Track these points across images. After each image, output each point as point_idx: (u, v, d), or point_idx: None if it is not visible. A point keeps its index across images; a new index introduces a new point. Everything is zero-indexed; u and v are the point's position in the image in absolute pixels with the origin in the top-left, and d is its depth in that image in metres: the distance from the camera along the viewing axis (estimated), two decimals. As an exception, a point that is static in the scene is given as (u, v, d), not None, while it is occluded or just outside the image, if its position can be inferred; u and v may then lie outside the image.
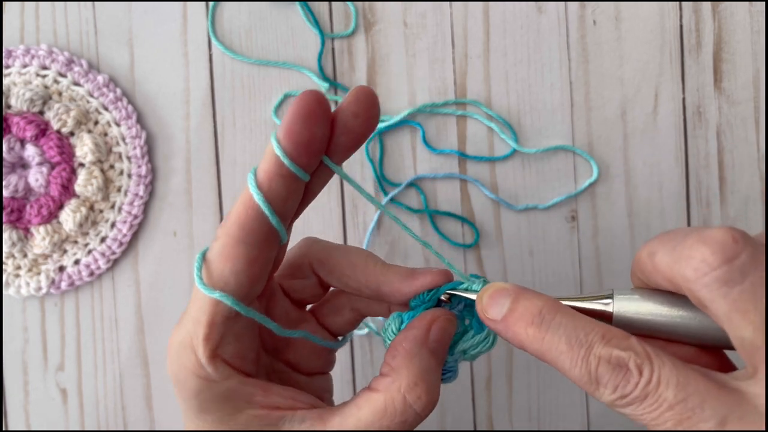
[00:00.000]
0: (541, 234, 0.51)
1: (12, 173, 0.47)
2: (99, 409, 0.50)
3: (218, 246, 0.29)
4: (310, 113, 0.27)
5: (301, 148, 0.27)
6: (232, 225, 0.28)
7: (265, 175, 0.28)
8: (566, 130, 0.51)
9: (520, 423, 0.51)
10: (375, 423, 0.28)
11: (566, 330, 0.27)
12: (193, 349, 0.29)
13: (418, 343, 0.30)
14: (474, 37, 0.50)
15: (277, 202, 0.28)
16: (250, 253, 0.28)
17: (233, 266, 0.28)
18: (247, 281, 0.29)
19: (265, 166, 0.28)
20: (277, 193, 0.28)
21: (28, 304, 0.49)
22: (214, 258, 0.29)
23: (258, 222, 0.28)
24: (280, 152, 0.27)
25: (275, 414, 0.30)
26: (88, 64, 0.49)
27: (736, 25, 0.51)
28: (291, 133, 0.27)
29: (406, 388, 0.29)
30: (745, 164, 0.51)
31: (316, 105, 0.27)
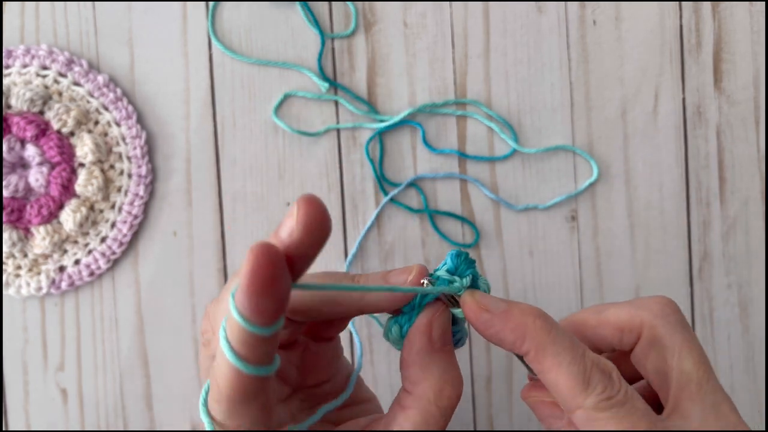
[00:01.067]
0: (541, 234, 0.51)
1: (12, 173, 0.47)
2: (99, 409, 0.50)
3: (224, 411, 0.28)
4: (267, 278, 0.24)
5: (266, 316, 0.25)
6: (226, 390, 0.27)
7: (239, 345, 0.26)
8: (566, 130, 0.51)
9: (520, 423, 0.51)
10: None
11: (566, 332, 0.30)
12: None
13: (427, 352, 0.30)
14: (474, 37, 0.50)
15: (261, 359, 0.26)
16: (258, 400, 0.28)
17: (251, 420, 0.28)
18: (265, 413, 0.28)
19: (235, 334, 0.26)
20: (258, 354, 0.26)
21: (29, 304, 0.49)
22: (224, 419, 0.28)
23: (251, 378, 0.26)
24: (245, 324, 0.25)
25: None
26: (88, 64, 0.49)
27: (736, 25, 0.51)
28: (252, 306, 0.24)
29: (435, 398, 0.29)
30: (745, 164, 0.51)
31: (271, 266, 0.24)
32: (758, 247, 0.51)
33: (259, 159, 0.50)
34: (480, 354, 0.51)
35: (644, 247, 0.51)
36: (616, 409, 0.28)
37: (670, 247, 0.51)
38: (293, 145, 0.50)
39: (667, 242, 0.51)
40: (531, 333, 0.29)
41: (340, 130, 0.50)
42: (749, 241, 0.51)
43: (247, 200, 0.50)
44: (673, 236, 0.51)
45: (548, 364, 0.29)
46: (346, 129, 0.50)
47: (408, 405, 0.30)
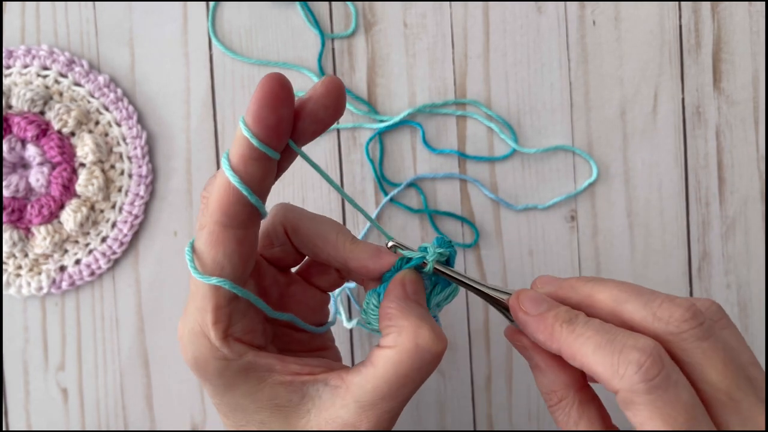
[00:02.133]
0: (540, 234, 0.51)
1: (13, 173, 0.47)
2: (99, 409, 0.50)
3: (206, 234, 0.30)
4: (276, 97, 0.28)
5: (269, 130, 0.29)
6: (215, 211, 0.29)
7: (239, 159, 0.29)
8: (566, 130, 0.51)
9: (520, 423, 0.51)
10: (393, 375, 0.30)
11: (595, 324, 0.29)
12: (205, 336, 0.31)
13: (404, 299, 0.31)
14: (474, 37, 0.50)
15: (253, 182, 0.29)
16: (238, 234, 0.30)
17: (225, 250, 0.30)
18: (240, 262, 0.30)
19: (238, 150, 0.29)
20: (252, 174, 0.29)
21: (29, 304, 0.49)
22: (204, 247, 0.30)
23: (240, 204, 0.29)
24: (249, 135, 0.28)
25: (297, 380, 0.31)
26: (88, 65, 0.49)
27: (735, 26, 0.51)
28: (259, 117, 0.28)
29: (414, 335, 0.30)
30: (744, 164, 0.51)
31: (279, 88, 0.28)
32: (757, 247, 0.51)
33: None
34: (480, 354, 0.51)
35: (643, 247, 0.51)
36: (655, 395, 0.27)
37: (669, 247, 0.51)
38: (293, 145, 0.50)
39: (666, 242, 0.51)
40: (557, 337, 0.29)
41: (340, 130, 0.50)
42: (748, 241, 0.51)
43: (248, 200, 0.50)
44: (672, 236, 0.51)
45: (578, 360, 0.29)
46: (346, 129, 0.50)
47: (385, 344, 0.30)
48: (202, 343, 0.31)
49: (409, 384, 0.30)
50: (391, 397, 0.30)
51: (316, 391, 0.31)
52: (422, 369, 0.30)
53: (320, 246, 0.33)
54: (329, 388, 0.31)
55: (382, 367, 0.30)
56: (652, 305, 0.29)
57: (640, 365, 0.27)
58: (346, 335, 0.50)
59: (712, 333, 0.29)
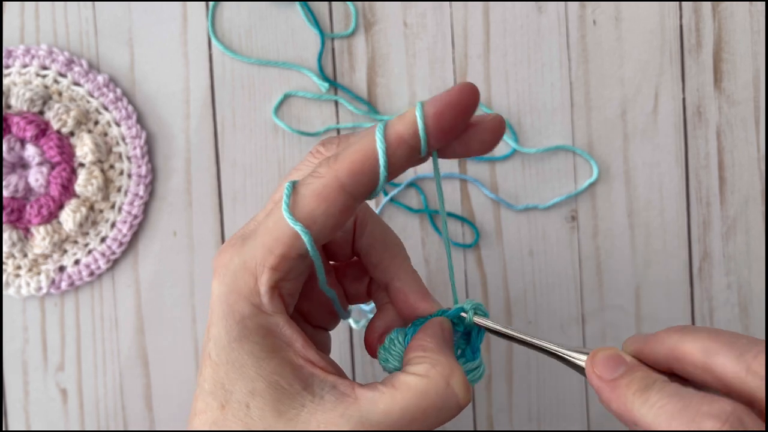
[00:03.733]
0: (541, 234, 0.51)
1: (12, 173, 0.47)
2: (99, 409, 0.50)
3: (319, 184, 0.28)
4: (466, 107, 0.28)
5: (440, 133, 0.28)
6: (343, 170, 0.28)
7: (396, 137, 0.28)
8: (566, 130, 0.51)
9: (520, 423, 0.51)
10: (412, 406, 0.27)
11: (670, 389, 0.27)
12: (254, 275, 0.28)
13: (442, 338, 0.30)
14: (474, 37, 0.50)
15: (393, 167, 0.28)
16: (348, 202, 0.28)
17: (327, 209, 0.28)
18: (330, 228, 0.28)
19: (401, 129, 0.28)
20: (398, 160, 0.28)
21: (28, 304, 0.49)
22: (309, 194, 0.28)
23: (369, 177, 0.28)
24: (421, 124, 0.27)
25: (307, 368, 0.29)
26: (88, 64, 0.49)
27: (736, 25, 0.51)
28: (441, 115, 0.27)
29: (449, 373, 0.28)
30: (745, 164, 0.51)
31: (472, 102, 0.28)
32: (758, 247, 0.51)
33: (259, 159, 0.50)
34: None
35: (644, 247, 0.51)
36: None
37: (670, 247, 0.51)
38: (293, 145, 0.50)
39: (667, 242, 0.51)
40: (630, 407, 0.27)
41: (340, 130, 0.50)
42: (749, 241, 0.51)
43: (247, 200, 0.50)
44: (673, 236, 0.51)
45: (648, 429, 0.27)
46: (346, 129, 0.50)
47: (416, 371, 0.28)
48: (245, 280, 0.29)
49: (422, 422, 0.28)
50: (399, 427, 0.27)
51: (320, 389, 0.28)
52: (442, 413, 0.28)
53: (378, 250, 0.32)
54: (336, 392, 0.28)
55: (404, 392, 0.28)
56: (746, 357, 0.26)
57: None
58: (346, 335, 0.50)
59: None
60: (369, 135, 0.28)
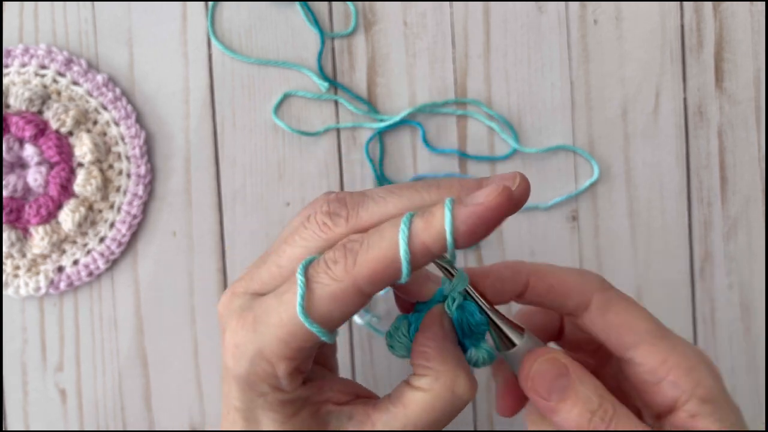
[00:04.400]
0: (541, 234, 0.51)
1: (11, 173, 0.47)
2: (98, 410, 0.50)
3: (336, 288, 0.27)
4: (502, 218, 0.27)
5: (468, 244, 0.27)
6: (363, 277, 0.27)
7: (422, 247, 0.27)
8: (567, 130, 0.50)
9: (520, 423, 0.51)
10: (423, 419, 0.29)
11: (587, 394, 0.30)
12: (270, 363, 0.29)
13: (442, 340, 0.30)
14: (474, 36, 0.50)
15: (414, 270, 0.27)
16: (365, 301, 0.28)
17: (344, 311, 0.28)
18: (344, 321, 0.29)
19: (427, 240, 0.27)
20: (419, 265, 0.27)
21: (27, 305, 0.49)
22: (326, 296, 0.28)
23: (390, 281, 0.28)
24: (450, 242, 0.26)
25: (325, 409, 0.31)
26: (87, 64, 0.49)
27: (737, 25, 0.51)
28: (472, 232, 0.26)
29: (452, 383, 0.29)
30: (746, 164, 0.51)
31: (511, 213, 0.27)
32: (759, 247, 0.51)
33: (259, 159, 0.50)
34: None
35: (645, 248, 0.51)
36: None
37: (671, 247, 0.51)
38: (293, 145, 0.50)
39: (668, 242, 0.51)
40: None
41: (340, 129, 0.50)
42: (751, 241, 0.51)
43: (247, 200, 0.50)
44: (674, 236, 0.51)
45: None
46: (346, 129, 0.50)
47: (420, 386, 0.30)
48: (263, 367, 0.29)
49: (436, 427, 0.30)
50: None
51: (338, 423, 0.30)
52: (452, 414, 0.30)
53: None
54: (353, 423, 0.30)
55: (413, 410, 0.29)
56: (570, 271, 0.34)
57: None
58: (346, 335, 0.50)
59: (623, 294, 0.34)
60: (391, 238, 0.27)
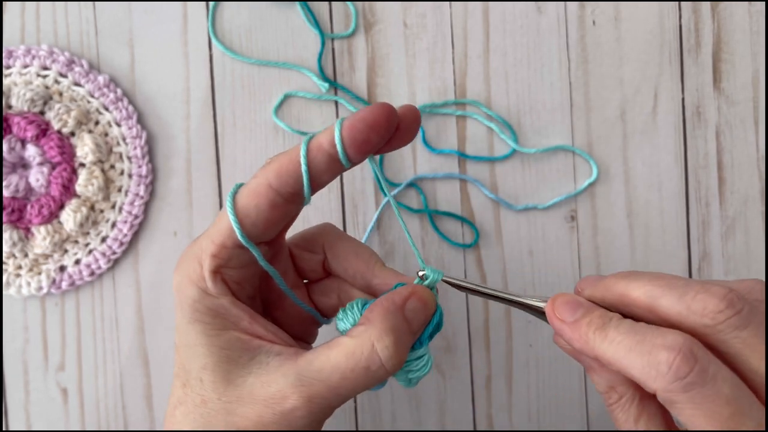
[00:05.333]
0: (540, 234, 0.51)
1: (13, 173, 0.47)
2: (99, 409, 0.50)
3: (253, 183, 0.32)
4: (380, 126, 0.31)
5: (356, 145, 0.31)
6: (271, 171, 0.32)
7: (317, 147, 0.31)
8: (566, 130, 0.51)
9: (520, 423, 0.51)
10: (342, 364, 0.31)
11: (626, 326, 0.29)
12: (199, 261, 0.33)
13: (396, 306, 0.32)
14: (474, 37, 0.50)
15: (315, 172, 0.32)
16: (275, 198, 0.32)
17: (258, 204, 0.32)
18: (263, 222, 0.32)
19: (322, 140, 0.31)
20: (319, 165, 0.32)
21: (29, 304, 0.49)
22: (245, 192, 0.32)
23: (293, 178, 0.32)
24: (338, 140, 0.31)
25: (255, 342, 0.33)
26: (88, 65, 0.49)
27: (735, 26, 0.51)
28: (355, 130, 0.31)
29: (376, 337, 0.31)
30: (744, 164, 0.51)
31: (386, 123, 0.31)
32: (757, 246, 0.51)
33: (260, 159, 0.50)
34: (480, 354, 0.51)
35: (643, 247, 0.51)
36: (693, 392, 0.26)
37: (669, 246, 0.51)
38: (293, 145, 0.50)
39: (666, 242, 0.51)
40: (592, 344, 0.30)
41: (340, 130, 0.50)
42: (748, 241, 0.51)
43: (248, 200, 0.50)
44: (672, 236, 0.51)
45: (615, 365, 0.29)
46: (346, 129, 0.50)
47: (350, 334, 0.31)
48: (193, 267, 0.33)
49: (352, 381, 0.31)
50: (330, 386, 0.31)
51: (265, 357, 0.32)
52: (368, 372, 0.31)
53: (351, 262, 0.36)
54: (280, 358, 0.32)
55: (334, 354, 0.31)
56: (685, 298, 0.28)
57: (670, 364, 0.26)
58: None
59: (751, 320, 0.27)
60: (296, 147, 0.32)
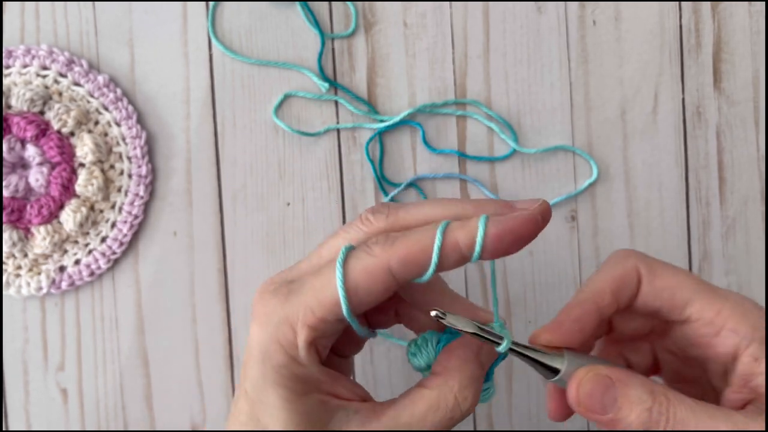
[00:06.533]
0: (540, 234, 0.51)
1: (12, 173, 0.47)
2: (99, 409, 0.50)
3: (370, 262, 0.30)
4: (528, 237, 0.30)
5: (496, 253, 0.30)
6: (395, 254, 0.30)
7: (454, 243, 0.30)
8: (566, 130, 0.51)
9: (520, 423, 0.51)
10: (427, 417, 0.30)
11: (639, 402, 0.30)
12: (292, 327, 0.31)
13: (472, 354, 0.32)
14: (474, 37, 0.50)
15: (443, 265, 0.30)
16: (391, 285, 0.30)
17: (372, 287, 0.30)
18: (368, 303, 0.31)
19: (461, 238, 0.30)
20: (448, 259, 0.30)
21: (29, 304, 0.49)
22: (359, 269, 0.30)
23: (419, 269, 0.30)
24: (479, 244, 0.29)
25: (334, 402, 0.31)
26: (88, 64, 0.49)
27: (735, 26, 0.51)
28: (501, 239, 0.30)
29: (458, 389, 0.31)
30: (745, 164, 0.51)
31: (535, 233, 0.31)
32: (758, 247, 0.51)
33: (259, 159, 0.50)
34: (480, 354, 0.51)
35: (644, 248, 0.51)
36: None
37: (669, 247, 0.51)
38: (293, 145, 0.50)
39: (666, 242, 0.51)
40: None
41: (340, 130, 0.50)
42: (749, 241, 0.51)
43: (247, 200, 0.50)
44: (672, 236, 0.51)
45: None
46: (346, 129, 0.50)
47: (429, 385, 0.31)
48: (284, 333, 0.31)
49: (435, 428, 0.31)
50: None
51: (345, 416, 0.31)
52: (451, 422, 0.31)
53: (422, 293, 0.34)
54: (359, 416, 0.31)
55: (419, 408, 0.30)
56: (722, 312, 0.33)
57: None
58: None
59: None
60: (429, 231, 0.30)
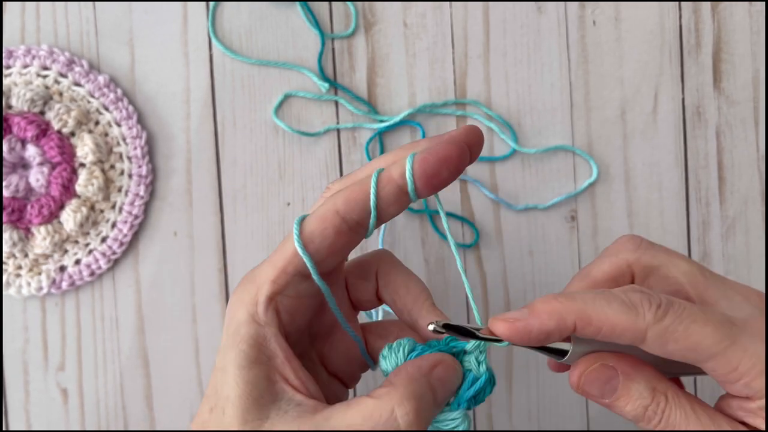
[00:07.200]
0: (540, 234, 0.51)
1: (13, 173, 0.47)
2: (99, 409, 0.50)
3: (320, 209, 0.32)
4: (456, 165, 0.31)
5: (426, 180, 0.31)
6: (339, 197, 0.32)
7: (387, 179, 0.31)
8: (566, 131, 0.51)
9: (520, 423, 0.51)
10: (358, 424, 0.29)
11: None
12: (257, 285, 0.32)
13: (421, 372, 0.31)
14: (474, 37, 0.50)
15: (383, 203, 0.32)
16: (341, 225, 0.31)
17: (324, 230, 0.31)
18: (326, 249, 0.32)
19: (392, 173, 0.31)
20: (387, 197, 0.31)
21: (29, 304, 0.49)
22: (311, 218, 0.32)
23: (361, 207, 0.31)
24: (409, 175, 0.31)
25: (280, 384, 0.31)
26: (88, 65, 0.49)
27: (735, 26, 0.51)
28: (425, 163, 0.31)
29: (398, 402, 0.30)
30: (745, 164, 0.51)
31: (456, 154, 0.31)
32: (758, 247, 0.51)
33: (259, 159, 0.50)
34: (480, 354, 0.51)
35: (644, 247, 0.51)
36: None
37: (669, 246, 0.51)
38: (293, 145, 0.50)
39: (666, 242, 0.51)
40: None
41: (340, 130, 0.50)
42: (749, 241, 0.51)
43: (247, 200, 0.50)
44: (672, 236, 0.51)
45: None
46: (346, 129, 0.50)
47: (372, 395, 0.30)
48: (248, 290, 0.32)
49: None
50: None
51: (286, 404, 0.30)
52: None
53: (401, 294, 0.35)
54: (299, 409, 0.30)
55: (352, 414, 0.30)
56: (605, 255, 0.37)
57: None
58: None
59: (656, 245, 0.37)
60: (366, 174, 0.32)
